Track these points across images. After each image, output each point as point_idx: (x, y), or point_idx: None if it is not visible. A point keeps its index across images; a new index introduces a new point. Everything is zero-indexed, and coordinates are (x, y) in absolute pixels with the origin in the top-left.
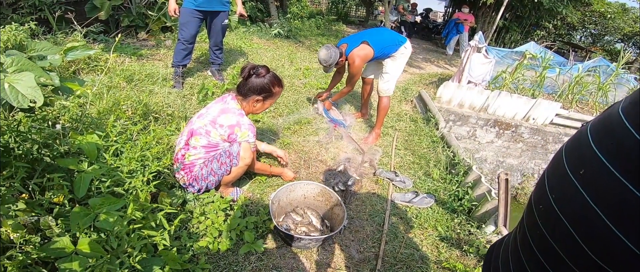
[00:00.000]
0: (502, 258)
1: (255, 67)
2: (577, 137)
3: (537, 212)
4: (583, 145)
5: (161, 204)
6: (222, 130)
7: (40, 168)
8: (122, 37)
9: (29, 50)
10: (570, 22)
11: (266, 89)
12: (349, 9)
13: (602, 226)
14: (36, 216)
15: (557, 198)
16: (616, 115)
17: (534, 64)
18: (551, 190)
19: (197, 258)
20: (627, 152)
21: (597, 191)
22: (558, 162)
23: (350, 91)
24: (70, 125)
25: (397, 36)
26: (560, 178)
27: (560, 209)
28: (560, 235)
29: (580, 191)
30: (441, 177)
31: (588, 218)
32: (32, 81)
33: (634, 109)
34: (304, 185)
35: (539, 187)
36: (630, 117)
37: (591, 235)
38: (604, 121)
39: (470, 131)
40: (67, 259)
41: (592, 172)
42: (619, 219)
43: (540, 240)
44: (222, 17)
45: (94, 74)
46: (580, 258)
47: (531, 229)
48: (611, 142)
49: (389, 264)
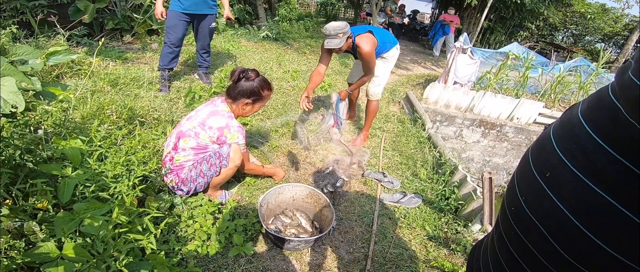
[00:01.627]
0: (482, 260)
1: (245, 70)
2: (541, 141)
3: (510, 215)
4: (547, 149)
5: (148, 208)
6: (211, 133)
7: (23, 174)
8: (106, 40)
9: (10, 55)
10: (552, 22)
11: (255, 92)
12: (338, 11)
13: (572, 227)
14: (20, 222)
15: (527, 200)
16: (576, 118)
17: (517, 65)
18: (521, 193)
19: (186, 262)
20: (590, 155)
21: (563, 193)
22: (525, 165)
23: (370, 78)
24: (53, 130)
25: (391, 36)
26: (528, 181)
27: (531, 211)
28: (534, 236)
29: (548, 193)
30: (428, 177)
31: (557, 220)
32: (14, 86)
33: (593, 114)
34: (292, 187)
35: (510, 190)
36: (590, 121)
37: (562, 236)
38: (565, 125)
39: (457, 131)
40: (53, 264)
41: (557, 175)
42: (587, 219)
43: (516, 241)
44: (209, 20)
45: (77, 78)
46: (554, 258)
47: (506, 230)
48: (574, 146)
49: (378, 264)
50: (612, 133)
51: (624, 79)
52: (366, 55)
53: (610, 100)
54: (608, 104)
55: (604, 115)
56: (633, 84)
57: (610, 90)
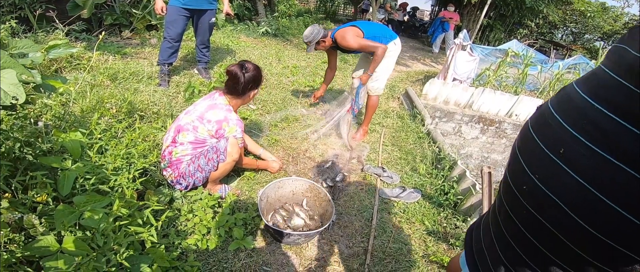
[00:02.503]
0: (485, 241)
1: (243, 65)
2: (543, 118)
3: (521, 194)
4: (554, 126)
5: (148, 201)
6: (210, 126)
7: (23, 166)
8: (105, 35)
9: (10, 48)
10: (551, 20)
11: (258, 78)
12: (337, 7)
13: (592, 199)
14: (20, 215)
15: (542, 178)
16: (573, 91)
17: (516, 62)
18: (533, 172)
19: (186, 255)
20: (603, 130)
21: (579, 168)
22: (531, 143)
23: (383, 51)
24: (53, 123)
25: (388, 31)
26: (540, 159)
27: (548, 188)
28: (551, 212)
29: (565, 168)
30: (427, 172)
31: (577, 193)
32: (14, 78)
33: (591, 85)
34: (292, 181)
35: (516, 170)
36: (592, 93)
37: (583, 208)
38: (566, 102)
39: (456, 127)
40: (52, 258)
41: (572, 150)
42: (606, 189)
43: (528, 220)
44: (209, 15)
45: (76, 73)
46: (573, 231)
47: (515, 210)
48: (585, 122)
49: (377, 259)
50: (625, 107)
51: (629, 55)
52: (349, 45)
53: (610, 78)
54: (611, 82)
55: (614, 93)
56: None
57: (607, 69)
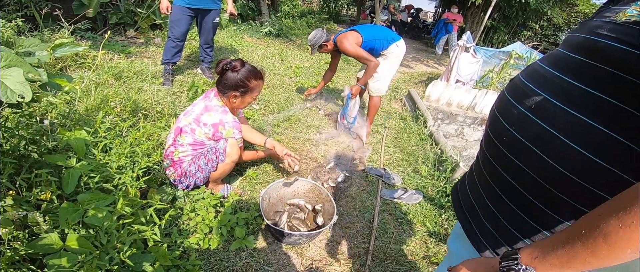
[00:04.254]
0: (473, 195)
1: (230, 62)
2: (515, 85)
3: (501, 143)
4: (525, 89)
5: (151, 200)
6: (206, 129)
7: (28, 164)
8: (110, 34)
9: (17, 47)
10: (556, 23)
11: (241, 84)
12: (341, 8)
13: (559, 143)
14: (24, 212)
15: (518, 128)
16: (539, 66)
17: (520, 64)
18: (510, 124)
19: (188, 254)
20: (560, 87)
21: (545, 117)
22: (506, 103)
23: (376, 65)
24: (58, 121)
25: (390, 33)
26: (515, 115)
27: (523, 136)
28: (527, 157)
29: (534, 119)
30: (429, 174)
31: (546, 138)
32: (21, 76)
33: (553, 60)
34: (294, 182)
35: (496, 125)
36: (553, 65)
37: (552, 150)
38: (533, 71)
39: (458, 129)
40: (56, 256)
41: (539, 105)
42: (569, 134)
43: (508, 166)
44: (213, 15)
45: (81, 71)
46: (547, 173)
47: (498, 159)
48: (547, 84)
49: (378, 260)
50: (581, 73)
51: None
52: (346, 51)
53: (563, 54)
54: (564, 56)
55: (570, 63)
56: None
57: (562, 49)
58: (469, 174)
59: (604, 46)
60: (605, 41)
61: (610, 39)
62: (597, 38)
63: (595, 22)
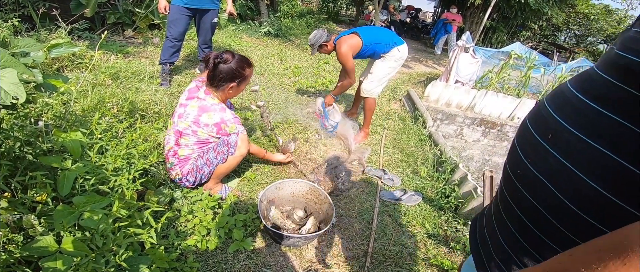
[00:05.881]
0: (487, 230)
1: (220, 54)
2: (538, 111)
3: (516, 177)
4: (545, 115)
5: (148, 202)
6: (209, 129)
7: (23, 166)
8: (108, 34)
9: (12, 47)
10: (555, 23)
11: (238, 74)
12: (340, 8)
13: (576, 179)
14: (19, 215)
15: (533, 161)
16: (566, 88)
17: (519, 64)
18: (526, 156)
19: (185, 256)
20: (588, 117)
21: (563, 149)
22: (526, 132)
23: (351, 84)
24: (54, 122)
25: (393, 37)
26: (532, 146)
27: (537, 170)
28: (541, 193)
29: (551, 151)
30: (428, 175)
31: (561, 172)
32: (15, 78)
33: (581, 82)
34: (292, 183)
35: (513, 157)
36: (581, 88)
37: (566, 187)
38: (558, 94)
39: (457, 130)
40: (51, 258)
41: (559, 135)
42: (588, 169)
43: (521, 202)
44: (211, 15)
45: (78, 71)
46: (559, 212)
47: (512, 194)
48: (571, 110)
49: (377, 261)
50: (608, 98)
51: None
52: (341, 58)
53: (596, 73)
54: (596, 77)
55: (598, 86)
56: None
57: (596, 68)
58: (487, 208)
59: (634, 64)
60: (636, 59)
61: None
62: (629, 55)
63: (631, 33)
